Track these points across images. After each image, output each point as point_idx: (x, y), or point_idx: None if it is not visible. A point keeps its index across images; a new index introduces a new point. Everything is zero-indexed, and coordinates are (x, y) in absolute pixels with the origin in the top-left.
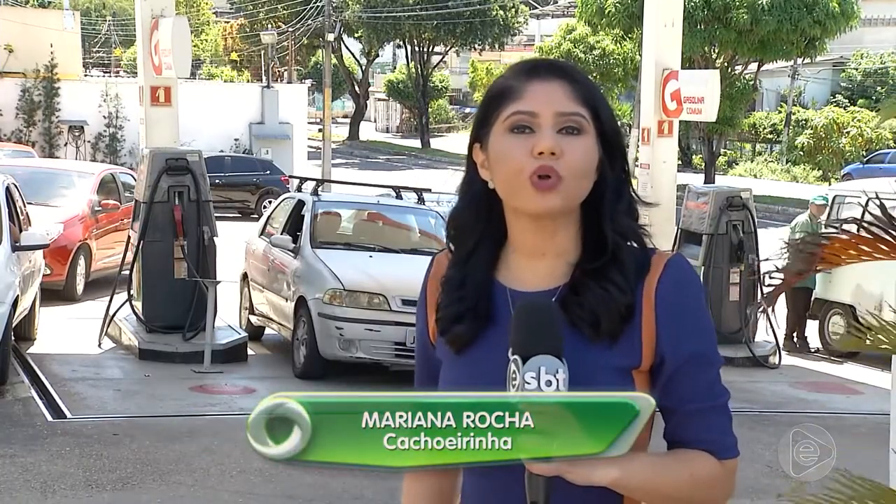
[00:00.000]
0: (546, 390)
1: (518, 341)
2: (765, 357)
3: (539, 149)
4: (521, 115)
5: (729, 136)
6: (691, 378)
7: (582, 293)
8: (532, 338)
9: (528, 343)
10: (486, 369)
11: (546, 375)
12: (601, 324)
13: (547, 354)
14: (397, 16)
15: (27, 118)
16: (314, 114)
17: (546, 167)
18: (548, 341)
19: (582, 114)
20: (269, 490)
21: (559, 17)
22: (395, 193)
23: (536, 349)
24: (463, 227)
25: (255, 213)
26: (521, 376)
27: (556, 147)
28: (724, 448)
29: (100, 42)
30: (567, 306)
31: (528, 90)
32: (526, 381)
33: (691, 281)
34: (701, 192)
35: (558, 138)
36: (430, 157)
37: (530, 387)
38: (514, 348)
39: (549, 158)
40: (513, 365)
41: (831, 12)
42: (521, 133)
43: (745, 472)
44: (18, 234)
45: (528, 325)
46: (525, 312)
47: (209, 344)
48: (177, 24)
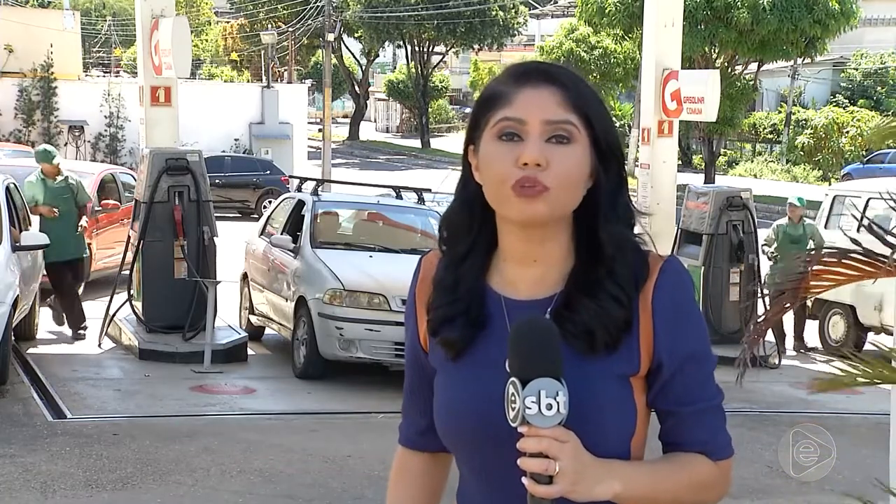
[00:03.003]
0: (547, 414)
1: (517, 364)
2: (765, 357)
3: (524, 159)
4: (509, 122)
5: (729, 136)
6: (687, 379)
7: (576, 308)
8: (531, 361)
9: (528, 366)
10: (481, 376)
11: (546, 399)
12: (596, 340)
13: (546, 377)
14: (398, 16)
15: (26, 118)
16: (314, 114)
17: (531, 178)
18: (547, 364)
19: (572, 122)
20: (269, 490)
21: (559, 17)
22: (395, 193)
23: (536, 372)
24: (456, 229)
25: (255, 213)
26: (521, 401)
27: (542, 158)
28: (719, 448)
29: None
30: (561, 321)
31: (518, 96)
32: (527, 406)
33: (684, 283)
34: (701, 192)
35: (545, 148)
36: (430, 157)
37: (531, 411)
38: (513, 370)
39: (535, 169)
40: (511, 387)
41: (831, 12)
42: (510, 140)
43: (745, 472)
44: (18, 234)
45: (527, 347)
46: (523, 333)
47: (209, 344)
48: (177, 24)
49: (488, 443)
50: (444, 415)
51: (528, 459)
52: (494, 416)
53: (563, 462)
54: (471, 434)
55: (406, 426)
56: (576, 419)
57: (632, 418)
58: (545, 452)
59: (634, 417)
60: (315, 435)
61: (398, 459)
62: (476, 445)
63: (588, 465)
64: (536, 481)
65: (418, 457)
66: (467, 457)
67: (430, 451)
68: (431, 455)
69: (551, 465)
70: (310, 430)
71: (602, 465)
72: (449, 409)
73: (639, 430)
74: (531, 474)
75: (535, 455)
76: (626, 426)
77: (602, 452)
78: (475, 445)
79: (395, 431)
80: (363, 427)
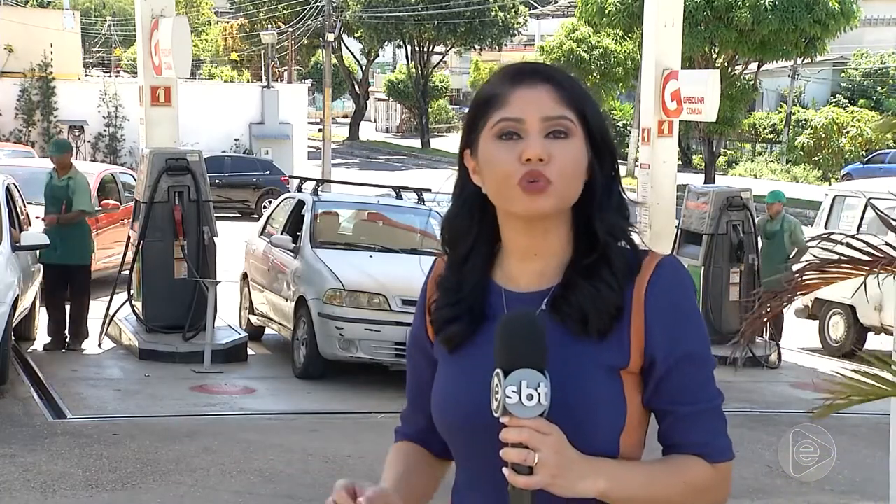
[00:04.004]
0: (528, 404)
1: (500, 355)
2: (765, 357)
3: (527, 155)
4: (507, 122)
5: (729, 136)
6: (684, 379)
7: (572, 291)
8: (513, 351)
9: (510, 357)
10: (476, 367)
11: (527, 389)
12: (589, 320)
13: (528, 368)
14: (398, 16)
15: (26, 118)
16: (314, 114)
17: (535, 172)
18: (529, 355)
19: (568, 117)
20: (269, 490)
21: (559, 17)
22: (395, 193)
23: (518, 363)
24: (457, 232)
25: (255, 213)
26: (502, 390)
27: (544, 153)
28: (717, 451)
29: (100, 42)
30: (557, 305)
31: (513, 96)
32: (507, 396)
33: (682, 282)
34: (701, 192)
35: (546, 143)
36: (430, 157)
37: (511, 401)
38: (497, 361)
39: (538, 164)
40: (496, 378)
41: (831, 12)
42: (509, 140)
43: (745, 472)
44: (18, 234)
45: (509, 338)
46: (508, 326)
47: (209, 344)
48: (177, 24)
49: (479, 434)
50: (440, 405)
51: (509, 449)
52: (484, 409)
53: (542, 453)
54: (463, 424)
55: (404, 427)
56: (563, 406)
57: (621, 413)
58: (525, 443)
59: (624, 413)
60: (315, 435)
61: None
62: (468, 436)
63: (572, 459)
64: (517, 472)
65: (414, 446)
66: (461, 447)
67: (428, 448)
68: (428, 452)
69: (530, 456)
70: (310, 430)
71: (588, 461)
72: (444, 400)
73: (632, 429)
74: (512, 464)
75: (515, 445)
76: (615, 420)
77: (589, 446)
78: (467, 436)
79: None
80: (363, 427)
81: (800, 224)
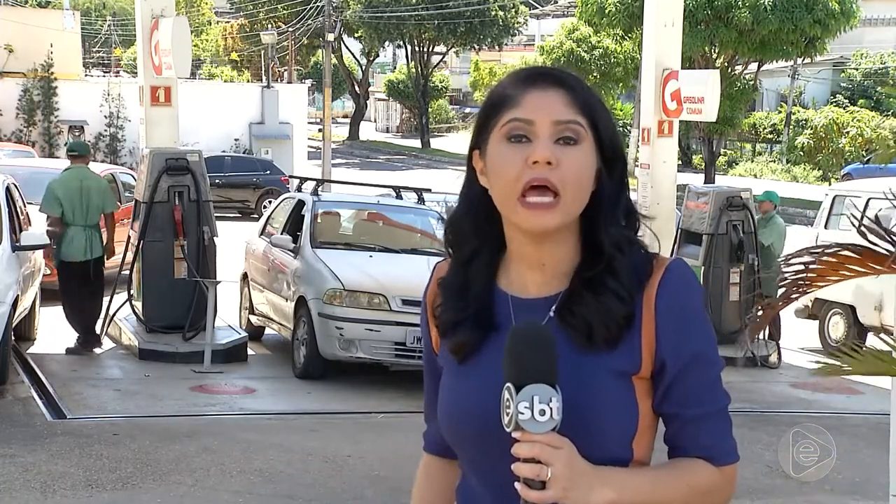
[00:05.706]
0: (540, 419)
1: (510, 369)
2: (765, 357)
3: (534, 158)
4: (517, 123)
5: (729, 136)
6: (692, 381)
7: (577, 304)
8: (524, 366)
9: (521, 372)
10: (484, 378)
11: (539, 405)
12: (594, 334)
13: (540, 383)
14: (398, 16)
15: (27, 118)
16: (314, 114)
17: (541, 178)
18: (541, 369)
19: (580, 122)
20: (269, 490)
21: (559, 17)
22: (395, 193)
23: (529, 378)
24: (462, 233)
25: (255, 213)
26: (514, 406)
27: (552, 157)
28: (723, 454)
29: (100, 42)
30: (563, 315)
31: (525, 98)
32: (520, 412)
33: (691, 285)
34: (701, 192)
35: (555, 148)
36: (430, 157)
37: (524, 417)
38: (507, 375)
39: (545, 168)
40: (506, 393)
41: (831, 12)
42: (518, 142)
43: (745, 472)
44: (18, 234)
45: (521, 353)
46: (518, 339)
47: (209, 344)
48: (177, 24)
49: (488, 444)
50: (447, 416)
51: (522, 465)
52: (494, 419)
53: (555, 468)
54: (471, 435)
55: (430, 432)
56: (574, 415)
57: (633, 418)
58: (538, 458)
59: (636, 418)
60: (315, 435)
61: (422, 463)
62: (476, 446)
63: (582, 472)
64: (530, 487)
65: (439, 463)
66: (468, 456)
67: (449, 458)
68: (450, 462)
69: (543, 471)
70: (310, 430)
71: (596, 472)
72: (452, 411)
73: (643, 433)
74: (524, 479)
75: (528, 460)
76: (627, 426)
77: (602, 453)
78: (476, 446)
79: (396, 431)
80: (363, 427)
81: (784, 233)
